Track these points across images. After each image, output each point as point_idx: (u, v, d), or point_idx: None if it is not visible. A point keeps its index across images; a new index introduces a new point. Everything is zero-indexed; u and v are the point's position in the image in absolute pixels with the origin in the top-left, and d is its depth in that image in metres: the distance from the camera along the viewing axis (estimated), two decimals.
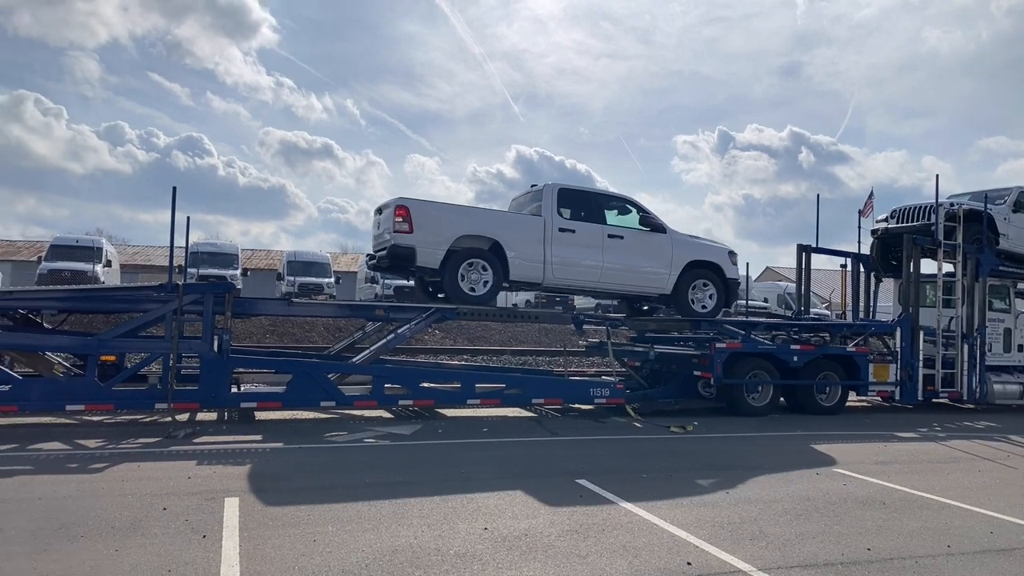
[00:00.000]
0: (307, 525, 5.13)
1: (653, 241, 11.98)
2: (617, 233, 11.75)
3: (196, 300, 9.47)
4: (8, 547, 4.49)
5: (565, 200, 11.65)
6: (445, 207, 11.46)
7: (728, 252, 12.60)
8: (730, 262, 12.52)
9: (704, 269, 12.26)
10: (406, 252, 10.61)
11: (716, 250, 12.55)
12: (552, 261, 11.33)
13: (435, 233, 10.75)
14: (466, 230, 10.97)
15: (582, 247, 11.49)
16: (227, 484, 6.23)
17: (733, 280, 12.59)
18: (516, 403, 11.22)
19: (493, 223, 11.28)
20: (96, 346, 9.21)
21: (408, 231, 10.62)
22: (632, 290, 12.24)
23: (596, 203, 12.04)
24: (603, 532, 5.21)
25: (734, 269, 12.63)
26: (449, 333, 19.85)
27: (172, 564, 4.28)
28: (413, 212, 10.65)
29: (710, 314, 12.39)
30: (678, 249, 12.08)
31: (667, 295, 12.20)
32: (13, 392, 8.65)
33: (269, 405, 9.87)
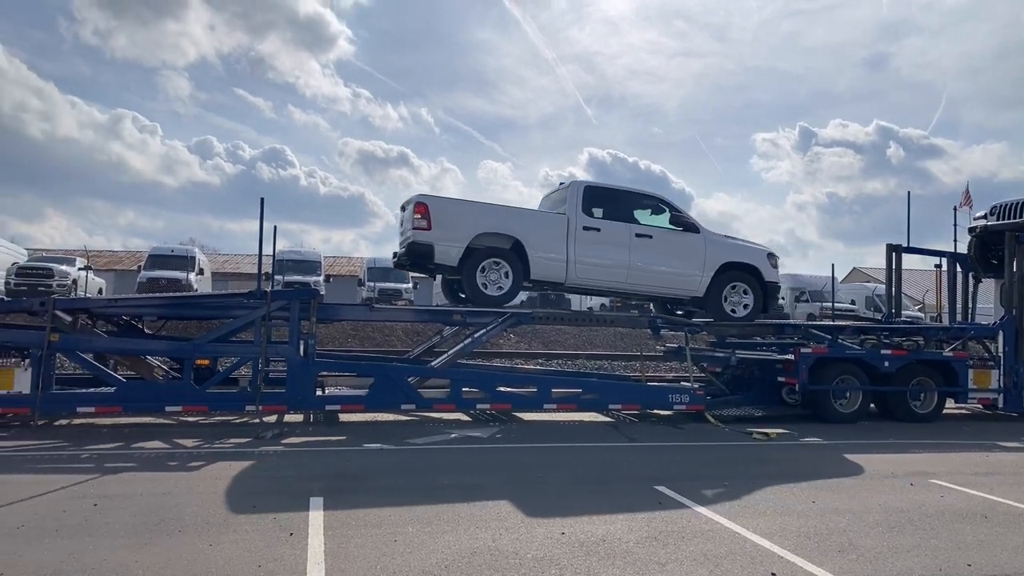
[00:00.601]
0: (388, 525, 5.26)
1: (685, 241, 11.52)
2: (645, 232, 11.35)
3: (283, 306, 9.86)
4: (113, 540, 4.79)
5: (591, 198, 11.34)
6: (465, 204, 11.25)
7: (767, 254, 12.04)
8: (769, 264, 11.92)
9: (740, 271, 11.72)
10: (424, 249, 10.51)
11: (754, 251, 12.00)
12: (575, 260, 11.03)
13: (454, 230, 10.60)
14: (486, 228, 10.76)
15: (607, 246, 11.14)
16: (313, 484, 6.44)
17: (772, 284, 11.95)
18: (593, 408, 11.16)
19: (514, 221, 11.02)
20: (191, 350, 9.72)
21: (427, 228, 10.50)
22: (661, 292, 11.83)
23: (625, 201, 11.64)
24: (682, 539, 5.12)
25: (773, 272, 12.00)
26: (524, 337, 19.92)
27: (262, 560, 4.46)
28: (432, 209, 10.56)
29: (746, 319, 11.84)
30: (712, 250, 11.59)
31: (699, 298, 11.68)
32: (117, 394, 9.24)
33: (352, 407, 10.16)
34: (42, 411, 8.89)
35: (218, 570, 4.28)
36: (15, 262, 23.22)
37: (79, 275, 23.26)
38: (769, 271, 11.88)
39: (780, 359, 11.76)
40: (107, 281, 29.15)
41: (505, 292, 10.84)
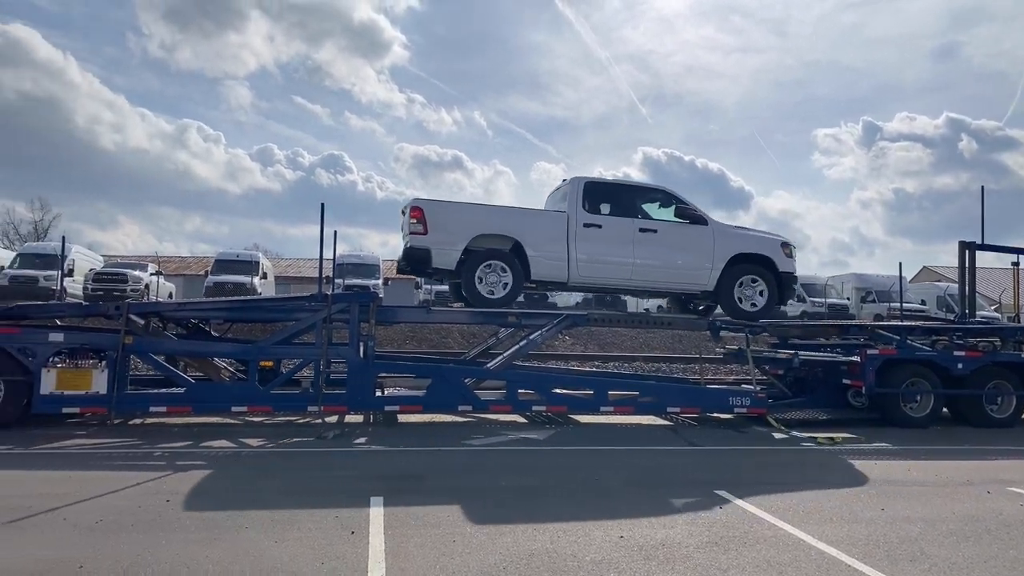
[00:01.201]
0: (447, 525, 5.31)
1: (692, 234, 11.11)
2: (650, 227, 11.04)
3: (343, 309, 10.06)
4: (185, 535, 4.97)
5: (592, 194, 11.08)
6: (462, 206, 11.24)
7: (781, 243, 11.55)
8: (783, 254, 11.40)
9: (753, 263, 11.28)
10: (421, 254, 10.45)
11: (766, 241, 11.54)
12: (577, 259, 10.78)
13: (450, 233, 10.50)
14: (483, 229, 10.64)
15: (610, 243, 10.86)
16: (373, 483, 6.56)
17: (787, 274, 11.45)
18: (650, 411, 11.03)
19: (512, 221, 10.82)
20: (256, 352, 10.01)
21: (423, 232, 10.43)
22: (670, 287, 11.49)
23: (627, 196, 11.37)
24: (744, 545, 5.01)
25: (789, 262, 11.48)
26: (579, 339, 19.84)
27: (324, 557, 4.57)
28: (427, 213, 10.49)
29: (761, 312, 11.36)
30: (721, 242, 11.18)
31: (710, 292, 11.31)
32: (187, 394, 9.59)
33: (411, 408, 10.29)
34: (118, 410, 9.29)
35: (283, 566, 4.40)
36: (92, 268, 24.40)
37: (151, 280, 24.27)
38: (784, 261, 11.40)
39: (845, 361, 11.38)
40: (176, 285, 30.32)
41: (505, 295, 10.66)
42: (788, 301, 12.71)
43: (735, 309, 11.26)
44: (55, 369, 9.06)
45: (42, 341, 9.16)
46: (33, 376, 8.98)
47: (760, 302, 11.32)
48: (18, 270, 22.98)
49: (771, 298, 11.36)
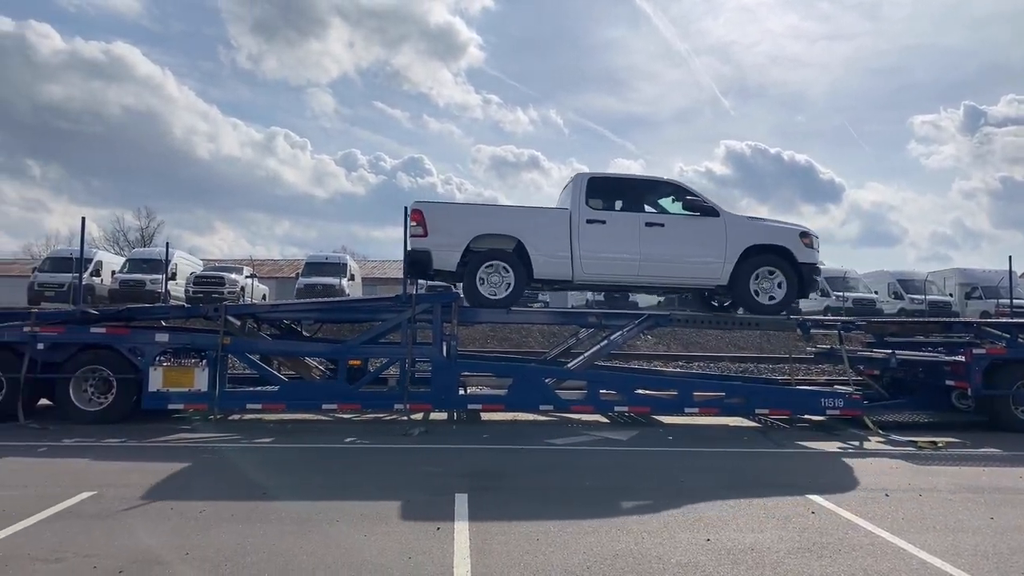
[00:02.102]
0: (530, 524, 5.34)
1: (701, 226, 10.69)
2: (656, 221, 10.69)
3: (426, 309, 10.27)
4: (280, 527, 5.19)
5: (596, 189, 10.79)
6: (461, 208, 11.11)
7: (800, 233, 10.94)
8: (802, 244, 10.81)
9: (769, 255, 10.76)
10: (422, 256, 10.45)
11: (783, 231, 10.95)
12: (580, 256, 10.54)
13: (450, 235, 10.45)
14: (483, 229, 10.54)
15: (614, 239, 10.56)
16: (458, 480, 6.67)
17: (807, 265, 10.86)
18: (737, 413, 10.73)
19: (512, 220, 10.65)
20: (344, 352, 10.36)
21: (423, 235, 10.44)
22: (680, 283, 11.09)
23: (633, 190, 11.07)
24: (839, 553, 4.82)
25: (809, 252, 10.87)
26: (663, 339, 19.52)
27: (411, 552, 4.68)
28: (427, 215, 10.48)
29: (780, 306, 10.83)
30: (733, 233, 10.69)
31: (724, 286, 10.81)
32: (281, 392, 10.02)
33: (493, 407, 10.41)
34: (218, 407, 9.80)
35: (372, 559, 4.53)
36: (193, 272, 25.85)
37: (246, 283, 25.50)
38: (803, 251, 10.81)
39: (949, 360, 10.73)
40: (270, 288, 31.69)
41: (507, 295, 10.52)
42: (810, 294, 12.03)
43: (751, 303, 10.82)
44: (161, 368, 9.64)
45: (149, 341, 9.76)
46: (142, 374, 9.58)
47: (779, 295, 10.79)
48: (128, 274, 24.60)
49: (790, 291, 10.81)
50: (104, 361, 9.67)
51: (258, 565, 4.38)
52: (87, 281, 22.70)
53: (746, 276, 10.72)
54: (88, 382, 9.72)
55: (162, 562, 4.39)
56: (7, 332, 9.64)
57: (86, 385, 9.71)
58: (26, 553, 4.49)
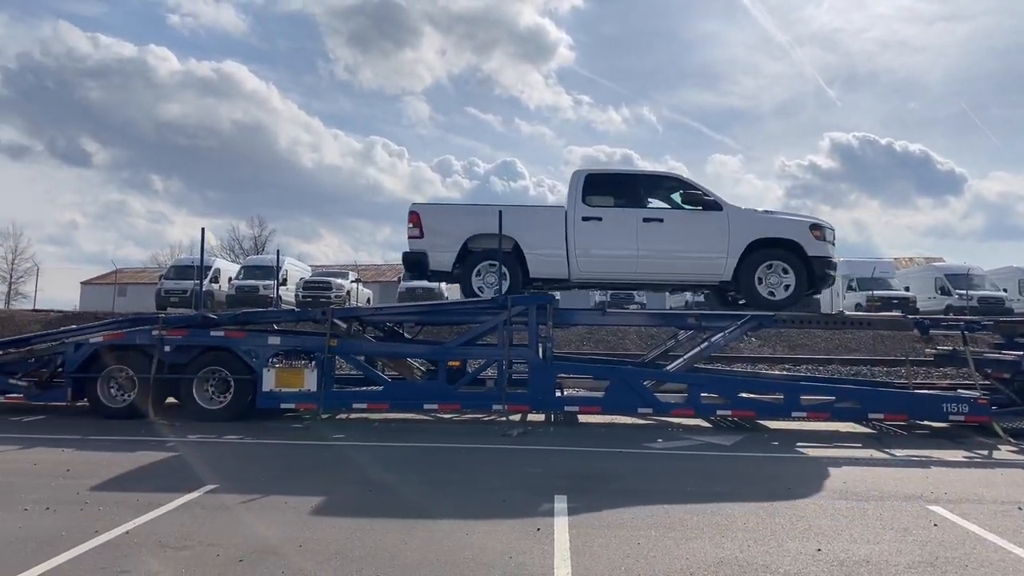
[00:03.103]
0: (631, 528, 5.27)
1: (703, 221, 10.39)
2: (654, 216, 10.48)
3: (522, 311, 10.32)
4: (385, 523, 5.36)
5: (594, 186, 10.65)
6: (456, 208, 11.21)
7: (810, 225, 10.44)
8: (811, 237, 10.32)
9: (776, 248, 10.37)
10: (418, 257, 10.68)
11: (791, 224, 10.52)
12: (576, 254, 10.47)
13: (445, 236, 10.61)
14: (478, 230, 10.61)
15: (611, 236, 10.39)
16: (557, 482, 6.67)
17: (819, 259, 10.35)
18: (849, 418, 10.22)
19: (507, 220, 10.49)
20: (443, 353, 10.59)
21: (419, 236, 10.65)
22: (681, 279, 10.91)
23: (631, 186, 10.78)
24: (965, 568, 4.49)
25: (820, 245, 10.34)
26: (767, 341, 18.81)
27: (512, 552, 4.72)
28: (423, 217, 10.72)
29: (787, 302, 10.36)
30: (737, 227, 10.35)
31: (727, 281, 10.52)
32: (385, 392, 10.36)
33: (590, 409, 10.36)
34: (326, 407, 10.23)
35: (474, 557, 4.61)
36: (302, 277, 27.13)
37: (352, 287, 26.47)
38: (813, 244, 10.33)
39: None
40: (373, 292, 32.79)
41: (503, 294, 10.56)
42: (823, 288, 11.31)
43: (758, 299, 10.47)
44: (274, 369, 10.16)
45: (263, 344, 10.32)
46: (256, 375, 10.14)
47: (787, 290, 10.43)
48: (243, 280, 26.09)
49: (799, 286, 10.41)
50: (223, 362, 10.30)
51: (365, 559, 4.54)
52: (207, 287, 24.23)
53: (751, 271, 10.42)
54: (209, 382, 10.38)
55: (278, 553, 4.63)
56: (138, 335, 10.45)
57: (207, 385, 10.38)
58: (157, 540, 4.84)
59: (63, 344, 10.68)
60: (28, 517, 5.34)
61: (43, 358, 10.84)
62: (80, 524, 5.16)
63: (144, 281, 45.50)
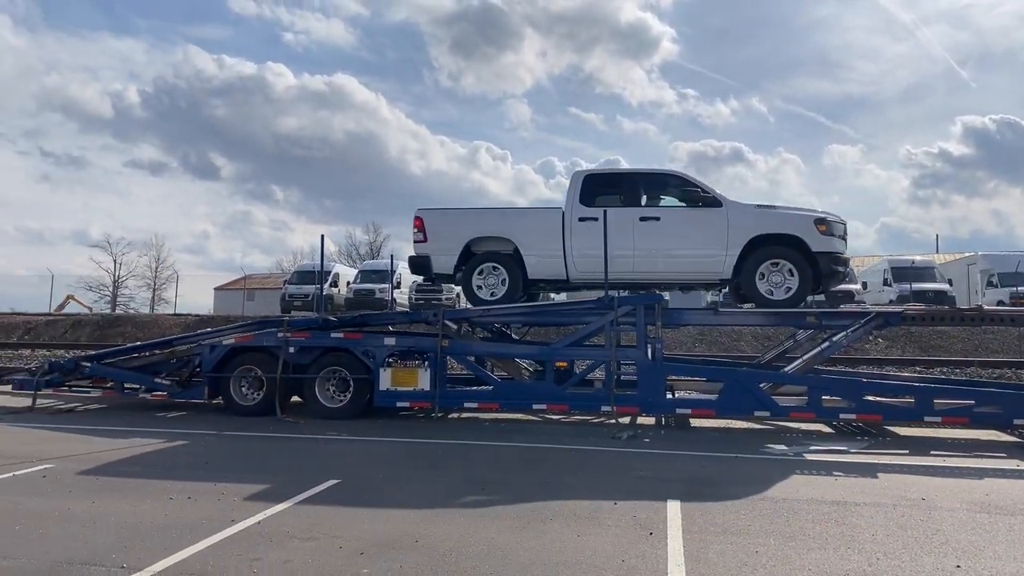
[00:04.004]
0: (748, 535, 5.10)
1: (701, 218, 10.25)
2: (651, 215, 10.48)
3: (629, 312, 10.21)
4: (499, 522, 5.45)
5: (592, 187, 10.77)
6: (457, 212, 11.42)
7: (815, 220, 10.09)
8: (816, 232, 9.99)
9: (778, 245, 10.12)
10: (422, 261, 11.15)
11: (793, 219, 10.19)
12: (573, 255, 10.61)
13: (446, 239, 10.98)
14: (477, 232, 10.97)
15: (607, 235, 10.28)
16: (669, 486, 6.55)
17: (824, 254, 10.04)
18: (991, 424, 9.43)
19: (505, 222, 10.90)
20: (551, 353, 10.63)
21: (423, 240, 11.10)
22: (679, 277, 10.85)
23: (630, 185, 10.81)
24: None
25: (825, 240, 10.02)
26: (895, 341, 17.65)
27: (624, 555, 4.67)
28: (426, 221, 11.13)
29: (792, 301, 10.06)
30: (736, 223, 10.16)
31: (727, 279, 10.41)
32: (495, 392, 10.53)
33: (702, 412, 10.09)
34: (439, 405, 10.53)
35: (585, 560, 4.60)
36: (415, 280, 28.00)
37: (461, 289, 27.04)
38: (817, 240, 10.02)
39: None
40: None
41: (502, 296, 10.93)
42: (831, 286, 10.87)
43: (760, 297, 10.28)
44: (390, 369, 10.57)
45: (379, 345, 10.74)
46: (373, 375, 10.57)
47: (790, 288, 10.18)
48: (360, 284, 27.28)
49: (804, 283, 10.14)
50: (342, 363, 10.81)
51: (479, 557, 4.64)
52: (327, 291, 25.50)
53: (752, 268, 10.23)
54: (330, 381, 10.92)
55: (395, 548, 4.81)
56: (266, 338, 11.13)
57: (328, 384, 10.91)
58: (285, 531, 5.14)
59: (199, 346, 11.55)
60: (173, 506, 5.81)
61: (183, 359, 11.77)
62: (218, 513, 5.56)
63: (270, 286, 48.41)
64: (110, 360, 12.19)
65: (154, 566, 4.39)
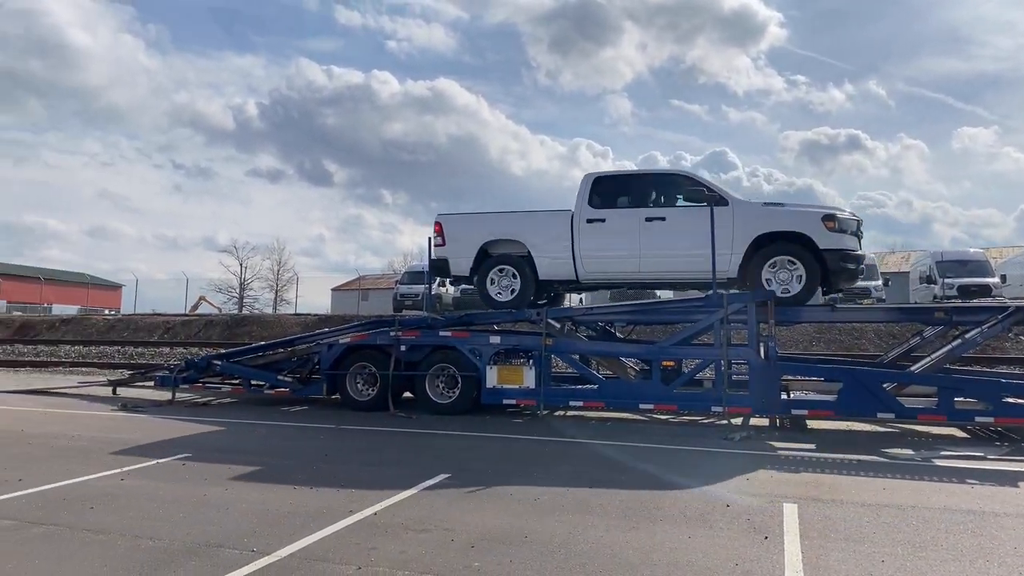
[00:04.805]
0: (873, 543, 4.84)
1: (706, 217, 10.04)
2: (657, 215, 10.55)
3: (740, 309, 9.91)
4: (606, 520, 5.44)
5: (601, 188, 10.93)
6: (473, 217, 11.88)
7: (823, 216, 9.81)
8: (823, 228, 9.73)
9: (785, 243, 9.94)
10: (441, 264, 11.65)
11: (799, 216, 9.99)
12: (582, 256, 10.83)
13: (463, 243, 11.44)
14: (490, 235, 11.36)
15: (614, 236, 10.62)
16: (784, 489, 6.32)
17: (833, 252, 9.75)
18: None
19: (517, 225, 11.24)
20: (657, 352, 10.47)
21: (442, 244, 11.59)
22: (684, 277, 10.92)
23: (638, 186, 10.96)
24: None
25: (834, 237, 9.74)
26: None
27: (738, 559, 4.55)
28: (445, 226, 11.63)
29: (798, 298, 9.86)
30: (741, 222, 10.05)
31: (733, 278, 10.29)
32: (600, 391, 10.50)
33: (820, 413, 9.65)
34: (545, 403, 10.60)
35: (697, 561, 4.51)
36: None
37: None
38: (825, 237, 9.77)
39: None
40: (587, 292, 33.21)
41: (514, 297, 11.25)
42: (842, 284, 10.42)
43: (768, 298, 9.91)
44: (496, 366, 10.75)
45: (485, 343, 10.95)
46: (480, 372, 10.79)
47: (796, 287, 9.97)
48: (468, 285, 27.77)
49: (811, 281, 9.92)
50: (450, 360, 11.10)
51: (587, 554, 4.65)
52: (435, 291, 26.14)
53: (758, 267, 10.10)
54: (439, 378, 11.24)
55: (505, 542, 4.89)
56: (379, 336, 11.60)
57: (437, 381, 11.25)
58: (400, 522, 5.34)
59: (318, 344, 12.19)
60: (297, 495, 6.16)
61: (303, 357, 12.46)
62: (337, 503, 5.85)
63: (383, 286, 50.26)
64: (238, 359, 13.07)
65: (281, 551, 4.68)
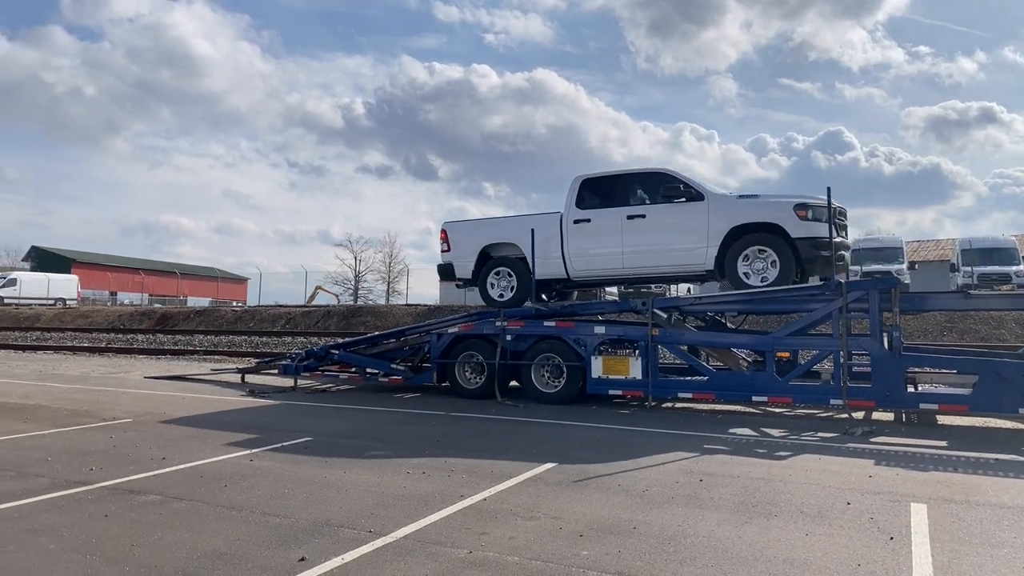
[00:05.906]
0: (1013, 548, 4.49)
1: (683, 212, 10.58)
2: (637, 213, 11.00)
3: (860, 298, 9.41)
4: (717, 514, 5.31)
5: (588, 190, 11.50)
6: (475, 222, 12.85)
7: (795, 205, 9.92)
8: (796, 218, 9.85)
9: (759, 233, 10.12)
10: (447, 268, 12.56)
11: (771, 206, 10.18)
12: (570, 255, 11.39)
13: (465, 247, 12.30)
14: (489, 240, 12.15)
15: (599, 235, 11.14)
16: (911, 488, 5.96)
17: (806, 240, 9.85)
18: None
19: (512, 229, 11.87)
20: (771, 343, 10.08)
21: (447, 250, 12.50)
22: (665, 271, 11.33)
23: (621, 185, 11.37)
24: None
25: (807, 226, 9.86)
26: None
27: (861, 560, 4.34)
28: (450, 233, 12.58)
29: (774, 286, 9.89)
30: (716, 215, 10.35)
31: (711, 270, 10.61)
32: (710, 382, 10.25)
33: (952, 408, 9.01)
34: (652, 394, 10.46)
35: (814, 561, 4.34)
36: None
37: None
38: (797, 226, 9.89)
39: None
40: None
41: (512, 297, 11.92)
42: (818, 272, 10.56)
43: (742, 286, 10.27)
44: (601, 357, 10.71)
45: (589, 333, 10.94)
46: (585, 362, 10.78)
47: (771, 276, 10.09)
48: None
49: (784, 270, 10.02)
50: (555, 350, 11.17)
51: (698, 548, 4.57)
52: None
53: (733, 258, 10.32)
54: (544, 368, 11.35)
55: (614, 532, 4.89)
56: (486, 326, 11.83)
57: (543, 371, 11.36)
58: (509, 509, 5.44)
59: (428, 334, 12.58)
60: (410, 479, 6.39)
61: (414, 347, 12.91)
62: (448, 488, 6.03)
63: None
64: (353, 348, 13.70)
65: (396, 532, 4.88)
